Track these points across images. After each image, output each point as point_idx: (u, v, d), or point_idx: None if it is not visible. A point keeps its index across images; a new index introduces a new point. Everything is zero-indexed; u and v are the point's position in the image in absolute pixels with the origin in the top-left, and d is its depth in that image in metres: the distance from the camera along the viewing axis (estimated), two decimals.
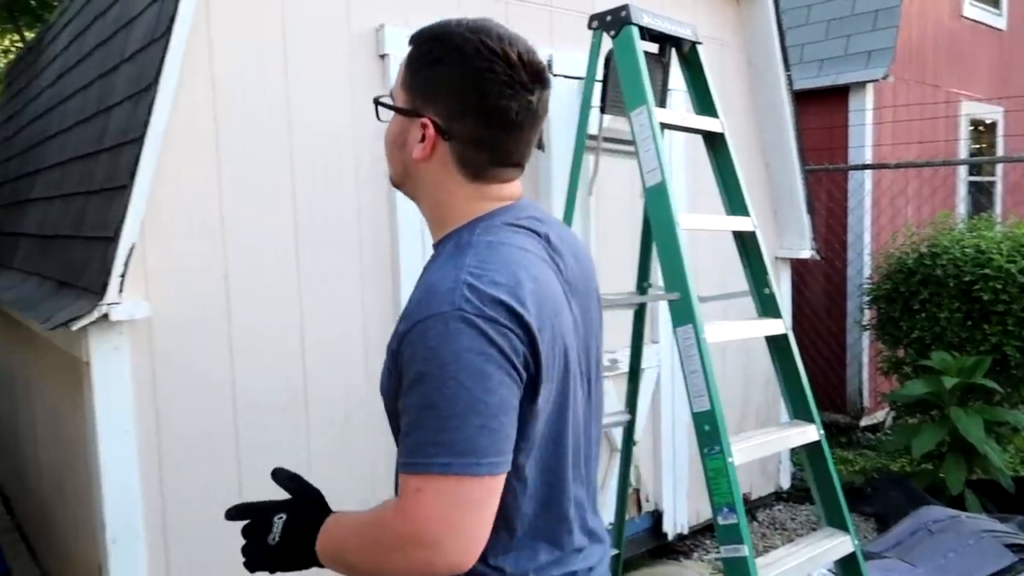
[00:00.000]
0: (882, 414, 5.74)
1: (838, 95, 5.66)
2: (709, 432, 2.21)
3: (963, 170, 6.42)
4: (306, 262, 2.59)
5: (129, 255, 2.18)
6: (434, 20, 1.15)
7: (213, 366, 2.42)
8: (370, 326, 2.72)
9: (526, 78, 1.09)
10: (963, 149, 6.46)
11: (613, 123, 2.84)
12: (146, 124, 2.17)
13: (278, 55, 2.51)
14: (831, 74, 5.73)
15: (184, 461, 2.37)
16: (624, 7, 2.51)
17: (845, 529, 2.46)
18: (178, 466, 2.36)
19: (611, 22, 2.55)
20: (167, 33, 2.19)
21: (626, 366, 3.08)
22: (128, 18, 2.73)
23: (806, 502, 4.39)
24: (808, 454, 2.53)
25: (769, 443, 2.41)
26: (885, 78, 5.49)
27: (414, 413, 0.99)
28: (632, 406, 3.06)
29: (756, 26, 3.98)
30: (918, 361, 4.32)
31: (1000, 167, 6.87)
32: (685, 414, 3.67)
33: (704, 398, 2.22)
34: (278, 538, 1.12)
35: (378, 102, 1.19)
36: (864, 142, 5.55)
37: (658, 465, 3.73)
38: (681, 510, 3.82)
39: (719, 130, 2.63)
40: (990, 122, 6.89)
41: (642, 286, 3.01)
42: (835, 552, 2.42)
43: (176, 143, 2.29)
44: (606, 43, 2.62)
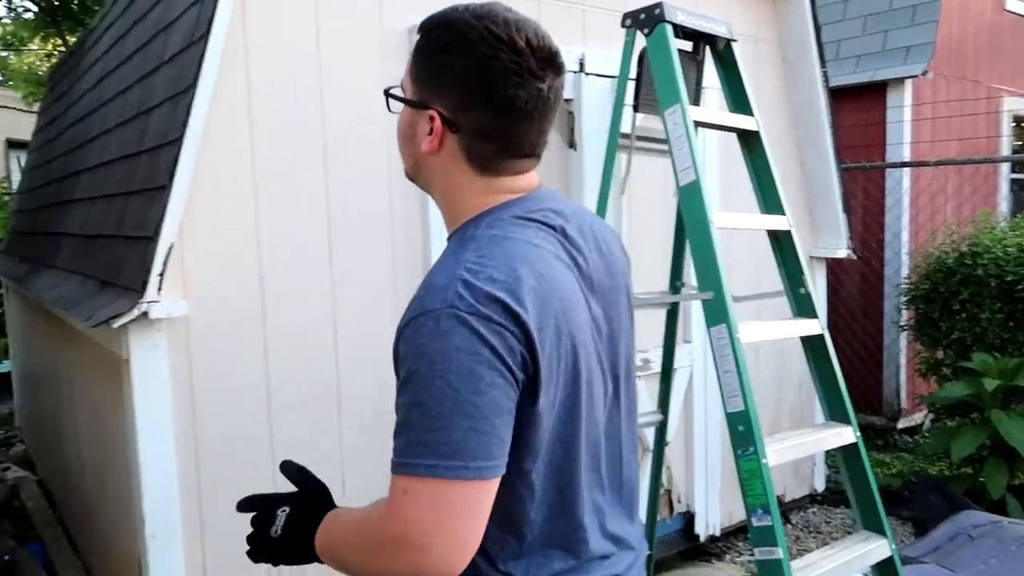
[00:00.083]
0: (920, 416, 5.64)
1: (875, 92, 5.56)
2: (743, 433, 2.19)
3: (1005, 167, 6.27)
4: (339, 259, 2.61)
5: (168, 254, 2.22)
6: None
7: (248, 363, 2.46)
8: None
9: (535, 65, 1.04)
10: (1005, 146, 6.32)
11: (645, 121, 2.83)
12: (185, 125, 2.21)
13: (312, 55, 2.53)
14: (868, 70, 5.63)
15: (220, 458, 2.41)
16: (658, 5, 2.49)
17: (882, 533, 2.42)
18: (214, 463, 2.40)
19: (645, 20, 2.54)
20: (205, 35, 2.22)
21: (658, 366, 3.06)
22: (167, 21, 2.78)
23: (841, 505, 4.33)
24: (844, 456, 2.49)
25: (804, 444, 2.38)
26: (924, 74, 5.38)
27: (404, 412, 0.96)
28: (664, 406, 3.04)
29: (791, 22, 3.93)
30: (958, 362, 4.23)
31: None
32: (717, 414, 3.64)
33: (738, 398, 2.20)
34: (280, 531, 1.10)
35: (388, 94, 1.15)
36: (902, 139, 5.45)
37: (690, 466, 3.70)
38: (713, 511, 3.79)
39: (754, 128, 2.60)
40: None
41: (675, 285, 2.98)
42: (872, 556, 2.38)
43: (213, 144, 2.33)
44: (639, 41, 2.61)
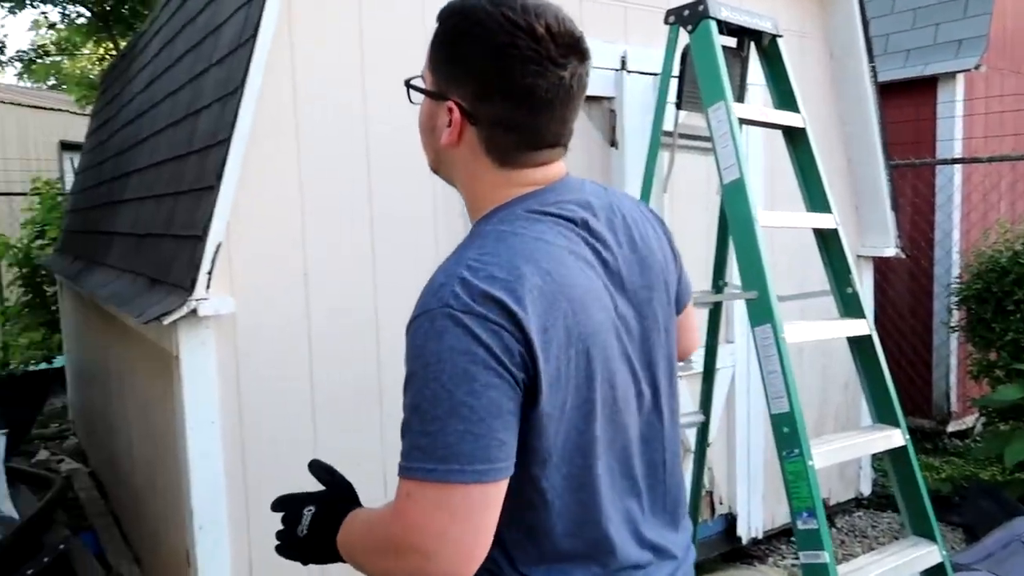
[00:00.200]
0: (971, 420, 5.49)
1: (925, 87, 5.42)
2: (788, 434, 2.15)
3: None
4: (381, 261, 2.64)
5: (216, 253, 2.26)
6: None
7: (293, 366, 2.50)
8: None
9: (555, 52, 0.99)
10: None
11: (688, 119, 2.80)
12: (232, 126, 2.25)
13: (355, 56, 2.56)
14: (918, 65, 5.49)
15: (265, 458, 2.45)
16: (701, 1, 2.46)
17: (932, 539, 2.36)
18: (260, 459, 2.44)
19: (688, 16, 2.51)
20: (253, 37, 2.26)
21: (700, 366, 3.03)
22: (216, 24, 2.84)
23: (888, 509, 4.24)
24: (893, 460, 2.44)
25: (852, 447, 2.33)
26: (977, 68, 5.23)
27: (405, 414, 0.94)
28: (706, 407, 3.01)
29: (838, 16, 3.85)
30: (1012, 364, 4.12)
31: None
32: (760, 415, 3.59)
33: (783, 399, 2.17)
34: (305, 530, 1.10)
35: (408, 84, 1.11)
36: (953, 135, 5.30)
37: (732, 467, 3.66)
38: (756, 513, 3.74)
39: (800, 125, 2.56)
40: None
41: (718, 284, 2.95)
42: (922, 562, 2.32)
43: (260, 145, 2.37)
44: (683, 38, 2.58)
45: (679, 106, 2.75)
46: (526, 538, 1.02)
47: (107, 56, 11.40)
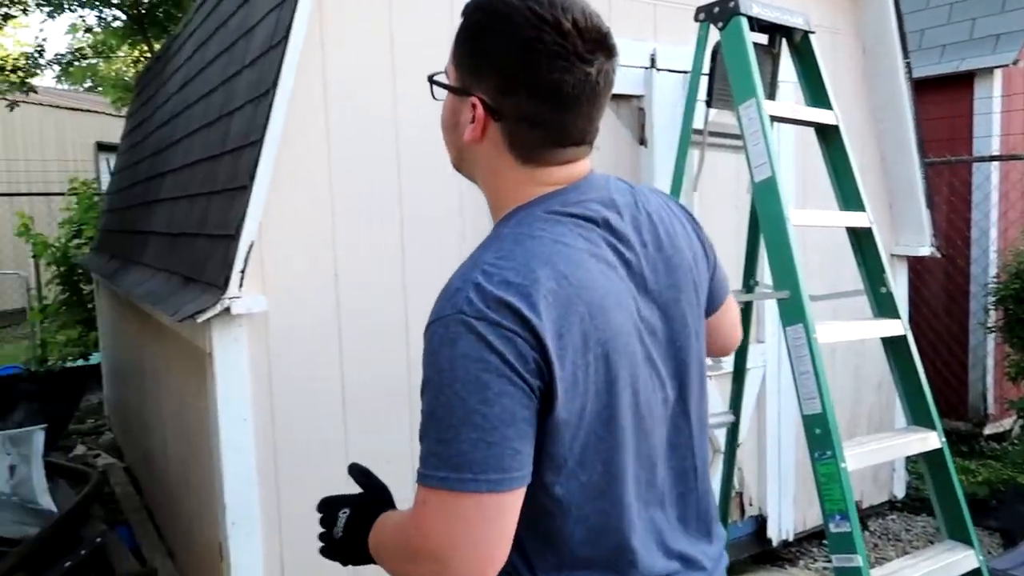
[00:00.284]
0: (1009, 422, 5.37)
1: (962, 82, 5.31)
2: (820, 436, 2.13)
3: None
4: (411, 261, 2.65)
5: (249, 252, 2.29)
6: None
7: (323, 360, 2.52)
8: None
9: (582, 48, 0.97)
10: None
11: (718, 116, 2.78)
12: (264, 127, 2.28)
13: (385, 57, 2.58)
14: (954, 60, 5.39)
15: (297, 455, 2.48)
16: None
17: (969, 543, 2.32)
18: (291, 459, 2.47)
19: (719, 13, 2.49)
20: (285, 39, 2.29)
21: (730, 366, 3.00)
22: (248, 26, 2.87)
23: (922, 513, 4.17)
24: (928, 462, 2.40)
25: (886, 449, 2.31)
26: (1016, 63, 5.12)
27: (422, 420, 0.94)
28: (736, 407, 2.99)
29: (871, 11, 3.79)
30: None
31: None
32: (791, 416, 3.55)
33: (815, 400, 2.14)
34: (341, 532, 1.11)
35: (431, 80, 1.10)
36: (991, 132, 5.20)
37: (763, 468, 3.62)
38: (787, 515, 3.70)
39: (833, 122, 2.52)
40: None
41: (748, 283, 2.93)
42: (958, 567, 2.28)
43: (291, 145, 2.39)
44: (713, 35, 2.56)
45: (709, 104, 2.73)
46: (544, 545, 1.01)
47: (142, 59, 11.58)
